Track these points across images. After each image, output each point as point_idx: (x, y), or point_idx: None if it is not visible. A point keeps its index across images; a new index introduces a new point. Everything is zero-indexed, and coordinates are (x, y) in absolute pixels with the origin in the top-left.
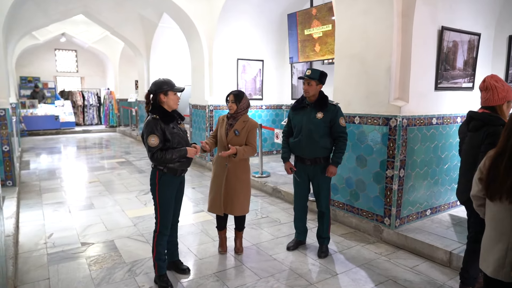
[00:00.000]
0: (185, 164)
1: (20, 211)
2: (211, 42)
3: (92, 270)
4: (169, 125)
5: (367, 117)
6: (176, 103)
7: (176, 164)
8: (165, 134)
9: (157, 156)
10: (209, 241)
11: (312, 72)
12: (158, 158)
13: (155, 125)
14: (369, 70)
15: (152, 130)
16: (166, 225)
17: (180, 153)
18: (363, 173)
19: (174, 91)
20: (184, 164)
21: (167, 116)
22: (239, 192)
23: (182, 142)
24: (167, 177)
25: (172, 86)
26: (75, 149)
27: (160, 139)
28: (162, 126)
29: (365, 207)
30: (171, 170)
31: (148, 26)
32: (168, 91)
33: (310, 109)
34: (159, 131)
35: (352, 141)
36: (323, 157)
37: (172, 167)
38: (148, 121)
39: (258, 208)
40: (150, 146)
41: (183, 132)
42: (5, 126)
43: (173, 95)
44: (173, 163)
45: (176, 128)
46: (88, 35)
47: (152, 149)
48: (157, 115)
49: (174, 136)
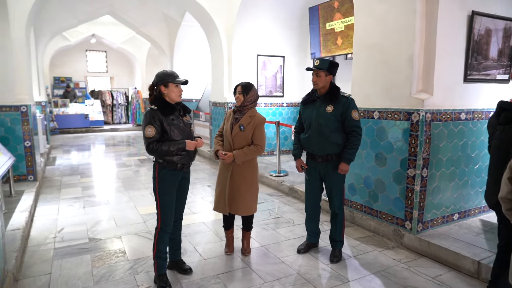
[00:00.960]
0: (185, 158)
1: (37, 205)
2: (230, 38)
3: (94, 266)
4: (168, 117)
5: (387, 111)
6: (178, 95)
7: (176, 158)
8: (162, 125)
9: (152, 147)
10: (217, 241)
11: (320, 62)
12: (154, 149)
13: (153, 116)
14: (389, 60)
15: (150, 121)
16: (167, 221)
17: (178, 146)
18: (383, 173)
19: (175, 83)
20: (184, 157)
21: (166, 108)
22: (244, 191)
23: (182, 135)
24: (167, 171)
25: (173, 78)
26: (100, 147)
27: (157, 130)
28: (160, 117)
29: (385, 209)
30: (170, 164)
31: (172, 25)
32: (169, 83)
33: (320, 102)
34: (157, 122)
35: (370, 137)
36: (335, 153)
37: (171, 160)
38: (147, 111)
39: (272, 207)
40: (146, 136)
41: (185, 125)
42: (27, 122)
43: (174, 87)
44: (171, 155)
45: (176, 120)
46: (116, 36)
47: (148, 140)
48: (156, 106)
49: (173, 128)
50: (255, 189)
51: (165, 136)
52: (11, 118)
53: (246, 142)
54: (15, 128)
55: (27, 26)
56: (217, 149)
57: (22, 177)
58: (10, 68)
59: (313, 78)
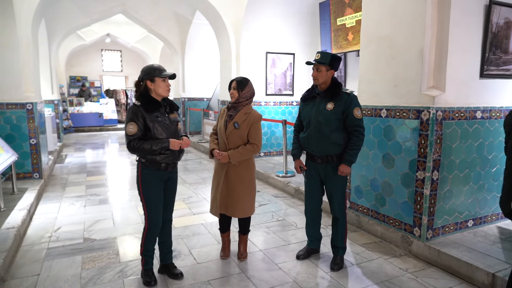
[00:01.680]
0: (169, 157)
1: (39, 203)
2: (239, 35)
3: (84, 268)
4: (152, 114)
5: (395, 109)
6: (165, 90)
7: (159, 157)
8: (146, 122)
9: (133, 145)
10: (213, 244)
11: (321, 55)
12: (135, 147)
13: (135, 112)
14: (399, 55)
15: (132, 117)
16: (155, 222)
17: (161, 145)
18: (390, 175)
19: (161, 77)
20: (168, 157)
21: (150, 104)
22: (240, 191)
23: (167, 133)
24: (150, 171)
25: (159, 72)
26: (112, 145)
27: (139, 127)
28: (143, 114)
29: (392, 214)
30: (153, 163)
31: (183, 23)
32: (155, 77)
33: (320, 99)
34: (140, 119)
35: (378, 137)
36: (336, 154)
37: (154, 160)
38: (129, 107)
39: (276, 209)
40: (127, 133)
41: (171, 122)
42: (32, 119)
43: (161, 82)
44: (154, 155)
45: (161, 117)
46: (130, 35)
47: (129, 137)
48: (140, 102)
49: (156, 125)
50: (252, 189)
51: (148, 134)
52: (17, 115)
53: (242, 140)
54: (21, 126)
55: (34, 23)
56: (212, 148)
57: (27, 175)
58: (16, 65)
59: (313, 72)
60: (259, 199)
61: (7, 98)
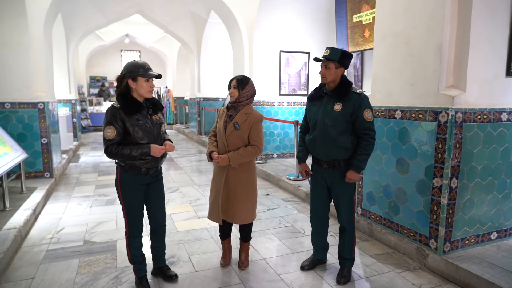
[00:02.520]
0: (151, 162)
1: (47, 202)
2: (251, 34)
3: (79, 273)
4: (132, 116)
5: (410, 110)
6: (148, 91)
7: (138, 162)
8: (125, 125)
9: (111, 150)
10: (215, 250)
11: (330, 52)
12: (113, 152)
13: (114, 115)
14: (415, 51)
15: (110, 121)
16: (134, 226)
17: (142, 150)
18: (405, 181)
19: (145, 77)
20: (148, 162)
21: (130, 106)
22: (241, 196)
23: (148, 137)
24: (129, 175)
25: (144, 71)
26: None
27: (118, 131)
28: (122, 117)
29: (406, 223)
30: (132, 168)
31: (198, 22)
32: (138, 76)
33: (327, 99)
34: (118, 122)
35: (392, 140)
36: (343, 159)
37: (133, 164)
38: (108, 109)
39: (284, 214)
40: (105, 138)
41: (153, 125)
42: (44, 119)
43: (144, 82)
44: (133, 160)
45: (142, 120)
46: (148, 36)
47: (107, 142)
48: (120, 103)
49: (137, 129)
50: (252, 194)
51: (128, 138)
52: (29, 115)
53: (242, 142)
54: (32, 125)
55: (46, 23)
56: (211, 151)
57: (38, 174)
58: (28, 65)
59: (321, 70)
60: (268, 203)
61: (19, 98)
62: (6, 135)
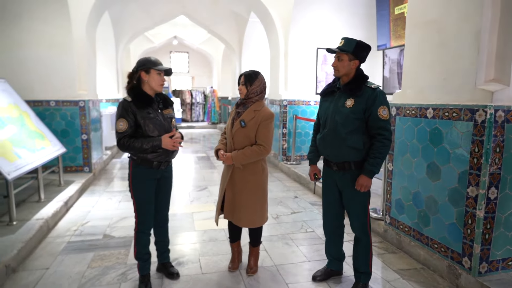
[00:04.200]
0: (162, 156)
1: (82, 196)
2: (287, 30)
3: (90, 266)
4: (143, 110)
5: (443, 108)
6: (159, 84)
7: (150, 155)
8: (136, 119)
9: (123, 142)
10: (227, 253)
11: (345, 42)
12: (125, 145)
13: (126, 108)
14: (449, 41)
15: (122, 114)
16: (144, 222)
17: (153, 143)
18: (436, 189)
19: (157, 70)
20: (160, 155)
21: (141, 99)
22: (246, 198)
23: (159, 130)
24: (141, 169)
25: (155, 64)
26: None
27: (130, 124)
28: (134, 110)
29: (437, 237)
30: (144, 161)
31: (240, 22)
32: (150, 69)
33: (339, 94)
34: (130, 115)
35: (423, 142)
36: (354, 161)
37: (145, 158)
38: (119, 103)
39: (307, 219)
40: (117, 131)
41: (164, 119)
42: (84, 116)
43: (156, 75)
44: (145, 153)
45: (153, 114)
46: (195, 37)
47: (119, 135)
48: (131, 97)
49: (148, 122)
50: (260, 197)
51: (139, 131)
52: (71, 112)
53: (249, 141)
54: (74, 122)
55: (89, 25)
56: (218, 148)
57: (79, 168)
58: (71, 65)
59: (334, 61)
60: (294, 206)
61: (63, 96)
62: (47, 131)
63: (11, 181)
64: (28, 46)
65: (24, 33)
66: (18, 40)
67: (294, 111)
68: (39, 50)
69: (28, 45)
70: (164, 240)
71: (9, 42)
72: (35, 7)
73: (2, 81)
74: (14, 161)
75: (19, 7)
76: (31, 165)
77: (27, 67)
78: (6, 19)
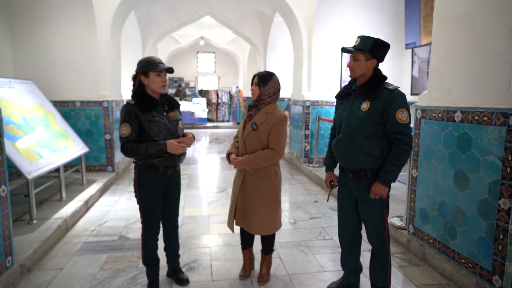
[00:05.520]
0: (168, 160)
1: (103, 195)
2: (311, 30)
3: (102, 268)
4: (147, 113)
5: (473, 111)
6: (160, 86)
7: (155, 160)
8: (140, 123)
9: (127, 147)
10: (239, 259)
11: (361, 40)
12: (129, 150)
13: (129, 112)
14: (480, 38)
15: (125, 118)
16: (151, 228)
17: (158, 147)
18: (463, 199)
19: (156, 72)
20: (166, 160)
21: (144, 102)
22: (257, 205)
23: (165, 133)
24: (147, 175)
25: (154, 65)
26: (197, 143)
27: (133, 128)
28: (137, 114)
29: (464, 251)
30: (150, 167)
31: (265, 22)
32: (149, 71)
33: (354, 96)
34: (134, 119)
35: (450, 148)
36: (370, 169)
37: (150, 163)
38: (122, 107)
39: (326, 225)
40: (121, 136)
41: (170, 121)
42: (108, 116)
43: (156, 77)
44: (150, 158)
45: (158, 117)
46: (221, 37)
47: (123, 140)
48: (134, 100)
49: (152, 126)
50: (272, 204)
51: (144, 135)
52: (95, 112)
53: (260, 145)
54: (98, 122)
55: (113, 27)
56: (230, 152)
57: (102, 168)
58: (95, 66)
59: (349, 62)
60: (313, 211)
61: (87, 96)
62: (71, 131)
63: (31, 180)
64: (56, 48)
65: (52, 36)
66: (46, 42)
67: (317, 112)
68: (65, 52)
69: (56, 47)
70: (174, 246)
71: (38, 45)
72: (62, 10)
73: (29, 82)
74: (35, 161)
75: (48, 10)
76: (52, 165)
77: (55, 68)
78: (36, 22)
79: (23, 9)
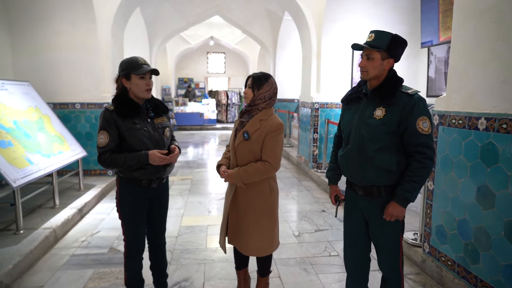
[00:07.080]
0: (152, 172)
1: (100, 202)
2: (320, 28)
3: (86, 286)
4: (128, 120)
5: (500, 119)
6: (143, 90)
7: (137, 173)
8: (120, 131)
9: (104, 158)
10: (234, 278)
11: (376, 36)
12: (106, 161)
13: (108, 119)
14: (509, 33)
15: (103, 126)
16: (133, 246)
17: (138, 159)
18: (488, 219)
19: (138, 74)
20: (149, 172)
21: (124, 108)
22: (249, 223)
23: (148, 143)
24: (129, 188)
25: (137, 66)
26: (200, 145)
27: (112, 137)
28: (117, 121)
29: (488, 278)
30: (132, 179)
31: (274, 21)
32: (131, 74)
33: (366, 101)
34: (112, 127)
35: (472, 160)
36: (384, 186)
37: (132, 175)
38: (101, 113)
39: (333, 239)
40: (98, 145)
41: (154, 129)
42: None
43: (139, 79)
44: (131, 170)
45: (140, 124)
46: (231, 37)
47: (100, 149)
48: (113, 105)
49: (133, 134)
50: (267, 223)
51: (124, 145)
52: (95, 115)
53: (253, 156)
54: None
55: (114, 27)
56: (220, 164)
57: (102, 172)
58: (96, 67)
59: (361, 61)
60: (320, 222)
61: (88, 98)
62: (68, 134)
63: (17, 189)
64: (55, 48)
65: (51, 36)
66: (46, 43)
67: (326, 115)
68: (65, 52)
69: (55, 48)
70: (161, 266)
71: (38, 45)
72: (62, 9)
73: (25, 84)
74: (23, 167)
75: (47, 10)
76: (43, 171)
77: (54, 69)
78: (35, 22)
79: (23, 9)
